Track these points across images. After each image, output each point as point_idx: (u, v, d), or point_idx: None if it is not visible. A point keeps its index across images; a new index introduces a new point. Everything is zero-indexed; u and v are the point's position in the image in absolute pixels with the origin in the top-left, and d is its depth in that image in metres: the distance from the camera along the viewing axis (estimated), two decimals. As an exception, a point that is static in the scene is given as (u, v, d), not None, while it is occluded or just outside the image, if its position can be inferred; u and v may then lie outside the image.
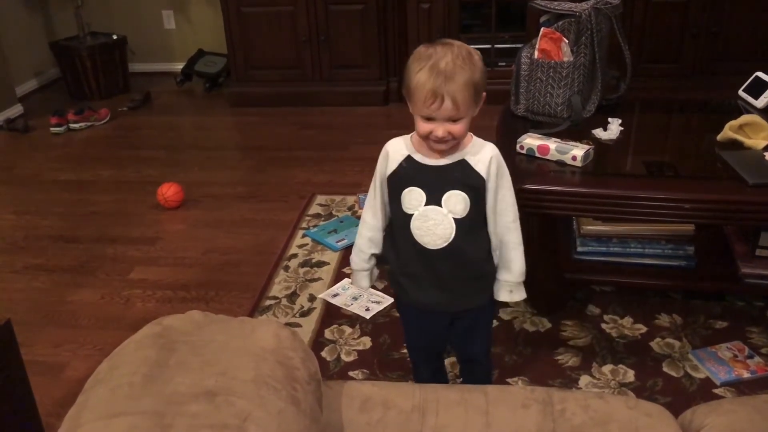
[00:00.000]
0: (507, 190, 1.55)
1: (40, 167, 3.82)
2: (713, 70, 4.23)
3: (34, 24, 5.04)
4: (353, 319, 2.39)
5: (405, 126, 1.54)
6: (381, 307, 2.43)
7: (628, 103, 2.54)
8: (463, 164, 1.50)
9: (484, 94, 1.46)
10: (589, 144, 2.11)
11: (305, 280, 2.64)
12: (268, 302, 2.52)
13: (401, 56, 4.38)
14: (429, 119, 1.42)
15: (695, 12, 4.13)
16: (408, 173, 1.52)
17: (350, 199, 3.25)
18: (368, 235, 1.65)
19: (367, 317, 2.39)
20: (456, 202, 1.50)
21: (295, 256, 2.81)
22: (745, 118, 2.17)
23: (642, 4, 4.15)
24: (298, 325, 2.37)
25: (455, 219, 1.50)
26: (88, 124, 4.35)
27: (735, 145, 2.13)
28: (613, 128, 2.25)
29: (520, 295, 1.66)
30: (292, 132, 4.19)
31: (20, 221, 3.23)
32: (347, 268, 2.69)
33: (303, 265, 2.74)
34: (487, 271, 1.63)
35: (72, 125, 4.30)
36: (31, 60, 4.99)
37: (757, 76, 2.47)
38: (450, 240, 1.52)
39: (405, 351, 2.19)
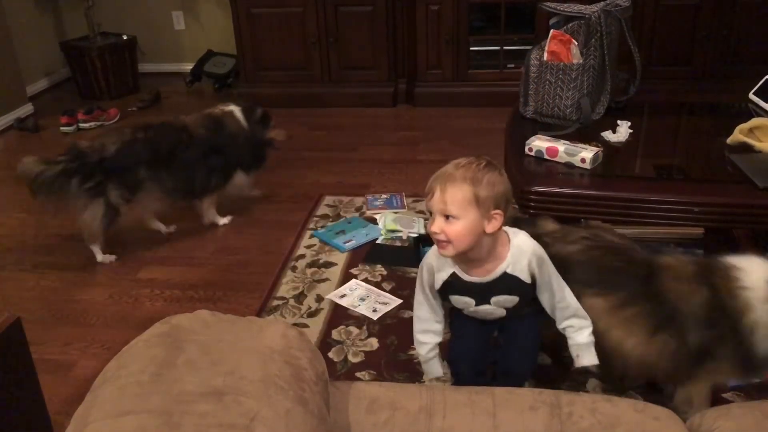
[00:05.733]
0: (557, 287, 1.62)
1: (50, 166, 3.83)
2: (723, 73, 4.21)
3: (45, 24, 5.07)
4: (360, 320, 2.39)
5: (412, 127, 1.55)
6: (388, 309, 2.43)
7: (637, 106, 2.53)
8: (506, 277, 1.58)
9: (499, 211, 1.46)
10: (598, 146, 2.11)
11: (313, 280, 2.65)
12: (275, 302, 2.52)
13: (410, 58, 4.37)
14: (431, 215, 1.49)
15: (706, 14, 4.12)
16: (455, 286, 1.62)
17: (358, 200, 3.25)
18: (424, 328, 1.72)
19: (375, 318, 2.39)
20: (505, 301, 1.63)
21: (302, 256, 2.81)
22: (755, 121, 2.16)
23: (652, 6, 4.14)
24: (306, 326, 2.37)
25: (506, 308, 1.65)
26: (98, 123, 4.37)
27: (745, 148, 2.12)
28: (622, 131, 2.24)
29: (589, 359, 1.67)
30: (301, 133, 4.19)
31: (30, 220, 3.24)
32: (355, 269, 2.69)
33: (310, 265, 2.75)
34: (532, 298, 1.68)
35: (82, 125, 4.32)
36: (41, 60, 5.02)
37: (767, 80, 2.46)
38: (503, 315, 1.67)
39: (412, 352, 2.19)
